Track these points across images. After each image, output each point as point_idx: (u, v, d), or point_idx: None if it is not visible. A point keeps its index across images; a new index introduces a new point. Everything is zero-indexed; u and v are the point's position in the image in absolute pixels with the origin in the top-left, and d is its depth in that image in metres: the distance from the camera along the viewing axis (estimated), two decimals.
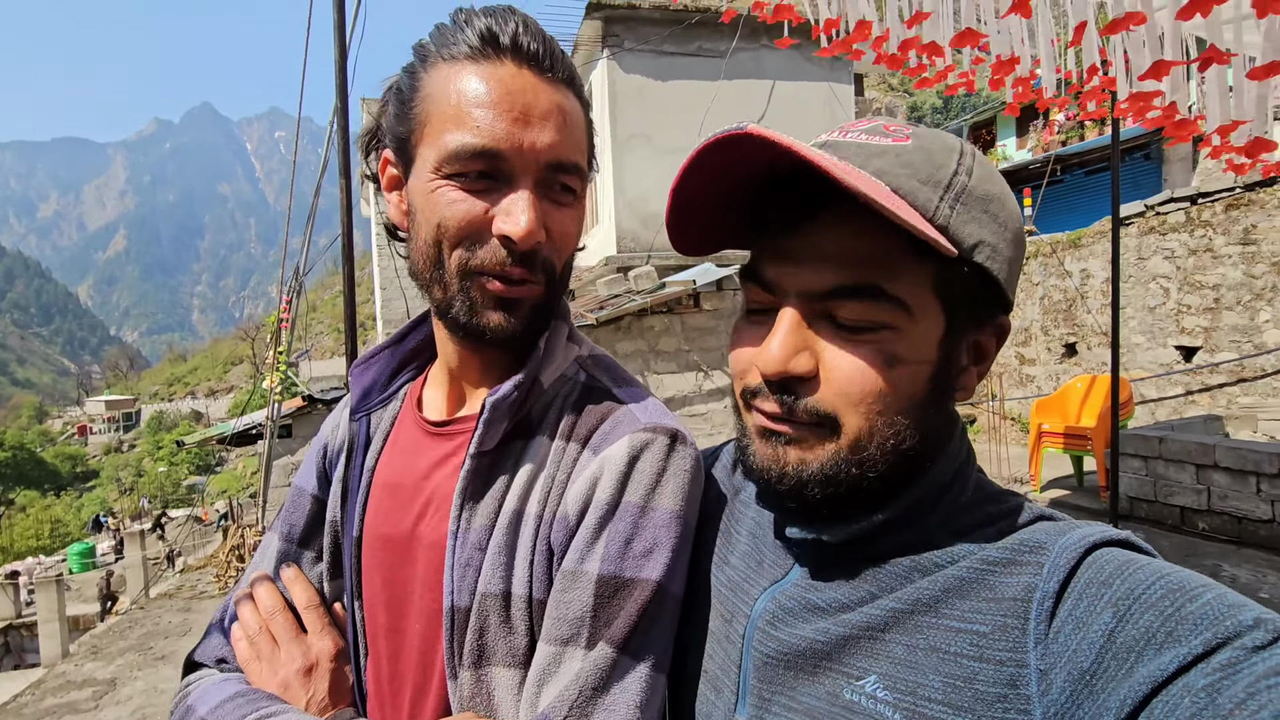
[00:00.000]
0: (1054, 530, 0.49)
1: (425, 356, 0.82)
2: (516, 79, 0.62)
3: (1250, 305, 7.47)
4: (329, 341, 64.76)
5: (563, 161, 0.64)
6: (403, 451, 0.74)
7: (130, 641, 5.00)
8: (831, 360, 0.51)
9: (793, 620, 0.55)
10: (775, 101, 9.17)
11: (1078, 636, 0.42)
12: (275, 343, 6.22)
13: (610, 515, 0.62)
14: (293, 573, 0.76)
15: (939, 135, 0.53)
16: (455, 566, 0.64)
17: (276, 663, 0.69)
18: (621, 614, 0.59)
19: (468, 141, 0.60)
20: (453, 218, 0.62)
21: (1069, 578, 0.45)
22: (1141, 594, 0.42)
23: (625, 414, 0.67)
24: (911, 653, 0.48)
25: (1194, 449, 5.38)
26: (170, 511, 31.12)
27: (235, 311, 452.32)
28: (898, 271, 0.49)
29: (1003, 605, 0.46)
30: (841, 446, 0.51)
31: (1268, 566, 4.66)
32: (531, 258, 0.64)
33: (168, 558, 16.18)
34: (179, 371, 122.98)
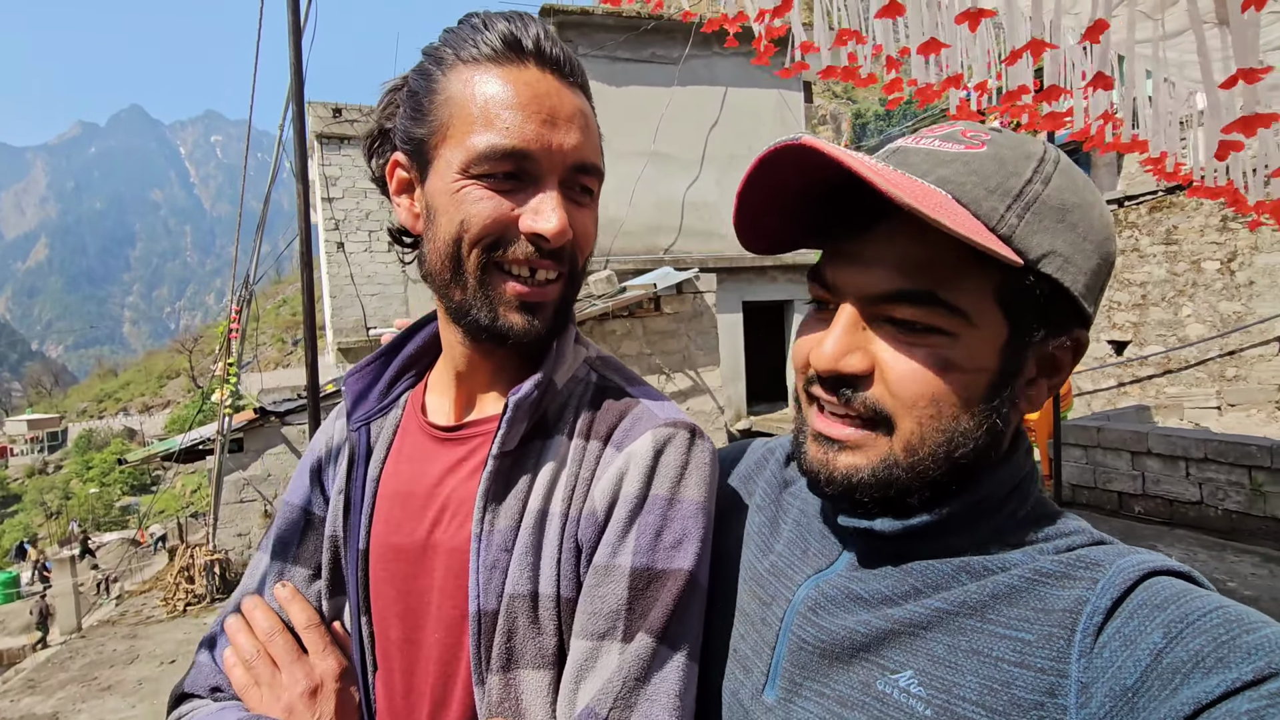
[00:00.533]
0: (1113, 552, 0.50)
1: (424, 363, 0.81)
2: (542, 82, 0.63)
3: (1174, 301, 7.98)
4: (273, 352, 62.52)
5: (585, 163, 0.65)
6: (410, 459, 0.73)
7: (71, 673, 4.71)
8: (886, 362, 0.51)
9: (835, 609, 0.55)
10: (728, 107, 9.35)
11: (1124, 654, 0.42)
12: (225, 354, 5.99)
13: (639, 508, 0.62)
14: (288, 591, 0.73)
15: (1020, 142, 0.53)
16: (481, 569, 0.63)
17: (278, 687, 0.67)
18: (657, 605, 0.60)
19: (498, 143, 0.61)
20: (478, 215, 0.62)
21: (1123, 597, 0.45)
22: (1196, 620, 0.41)
23: (644, 411, 0.68)
24: (952, 652, 0.49)
25: (1129, 437, 5.71)
26: (104, 535, 29.43)
27: (170, 323, 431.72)
28: (956, 279, 0.49)
29: (1051, 616, 0.46)
30: (895, 449, 0.52)
31: (1197, 545, 4.98)
32: (559, 253, 0.65)
33: (102, 584, 15.29)
34: (109, 387, 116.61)
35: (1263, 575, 4.42)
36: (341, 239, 10.92)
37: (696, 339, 7.43)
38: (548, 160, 0.62)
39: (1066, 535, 0.53)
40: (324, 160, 11.04)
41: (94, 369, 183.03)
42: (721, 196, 9.30)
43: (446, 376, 0.75)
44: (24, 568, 23.68)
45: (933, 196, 0.48)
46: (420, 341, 0.80)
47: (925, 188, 0.49)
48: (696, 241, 9.16)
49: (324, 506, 0.77)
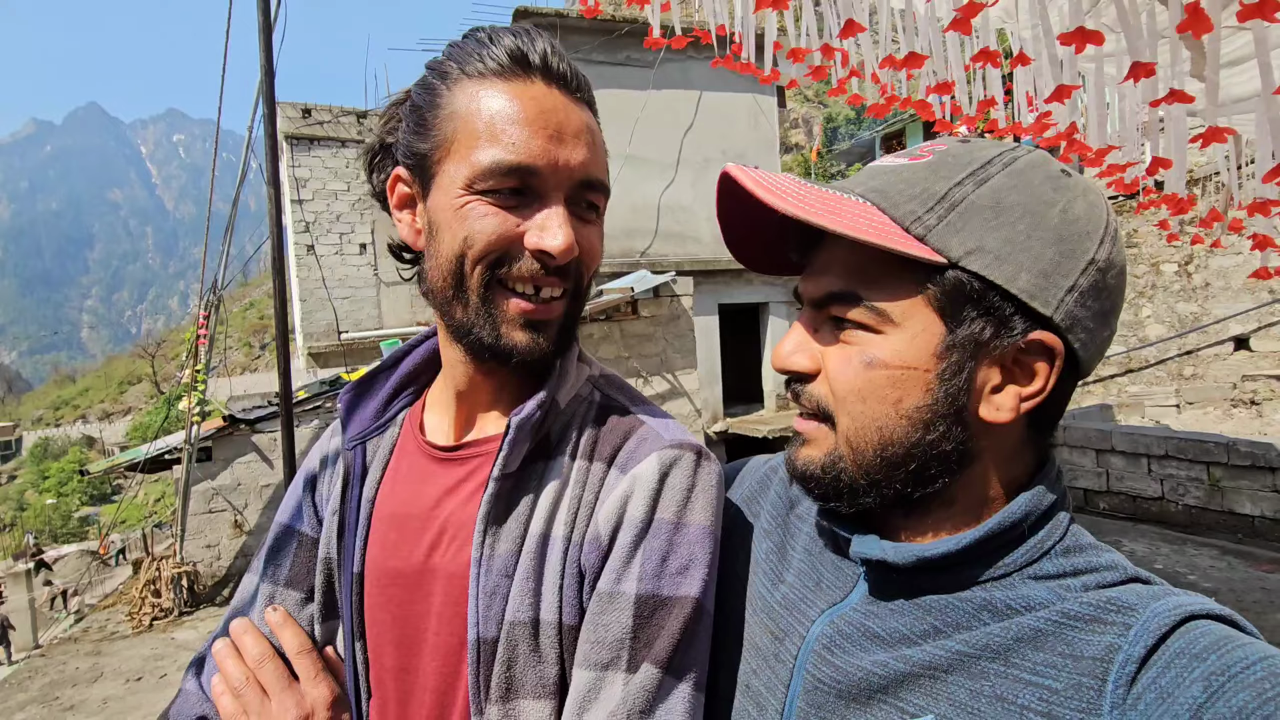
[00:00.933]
0: (1147, 594, 0.47)
1: (423, 380, 0.79)
2: (549, 98, 0.62)
3: (1134, 303, 8.23)
4: (240, 356, 61.07)
5: (592, 179, 0.64)
6: (407, 480, 0.71)
7: (31, 693, 4.53)
8: (828, 360, 0.55)
9: (851, 648, 0.54)
10: (702, 111, 9.41)
11: (1160, 708, 0.40)
12: (193, 360, 5.83)
13: (645, 533, 0.61)
14: (280, 616, 0.70)
15: (970, 150, 0.53)
16: (480, 595, 0.61)
17: (267, 715, 0.64)
18: (663, 633, 0.58)
19: (503, 158, 0.60)
20: (483, 232, 0.61)
21: (1158, 644, 0.43)
22: (1239, 673, 0.39)
23: (649, 432, 0.67)
24: (975, 698, 0.47)
25: (1093, 435, 5.87)
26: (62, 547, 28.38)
27: (131, 327, 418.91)
28: (879, 280, 0.52)
29: (1080, 664, 0.45)
30: (839, 443, 0.54)
31: (1160, 540, 5.14)
32: (565, 270, 0.64)
33: (58, 597, 14.72)
34: (67, 394, 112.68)
35: (1221, 568, 4.58)
36: (312, 241, 10.71)
37: (674, 342, 7.46)
38: (554, 176, 0.62)
39: (1098, 571, 0.50)
40: (293, 161, 10.83)
41: (51, 375, 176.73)
42: (697, 199, 9.35)
43: (446, 395, 0.73)
44: None
45: (849, 207, 0.52)
46: (419, 358, 0.78)
47: (843, 199, 0.53)
48: (673, 244, 9.20)
49: (317, 527, 0.74)
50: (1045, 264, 0.49)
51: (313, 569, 0.72)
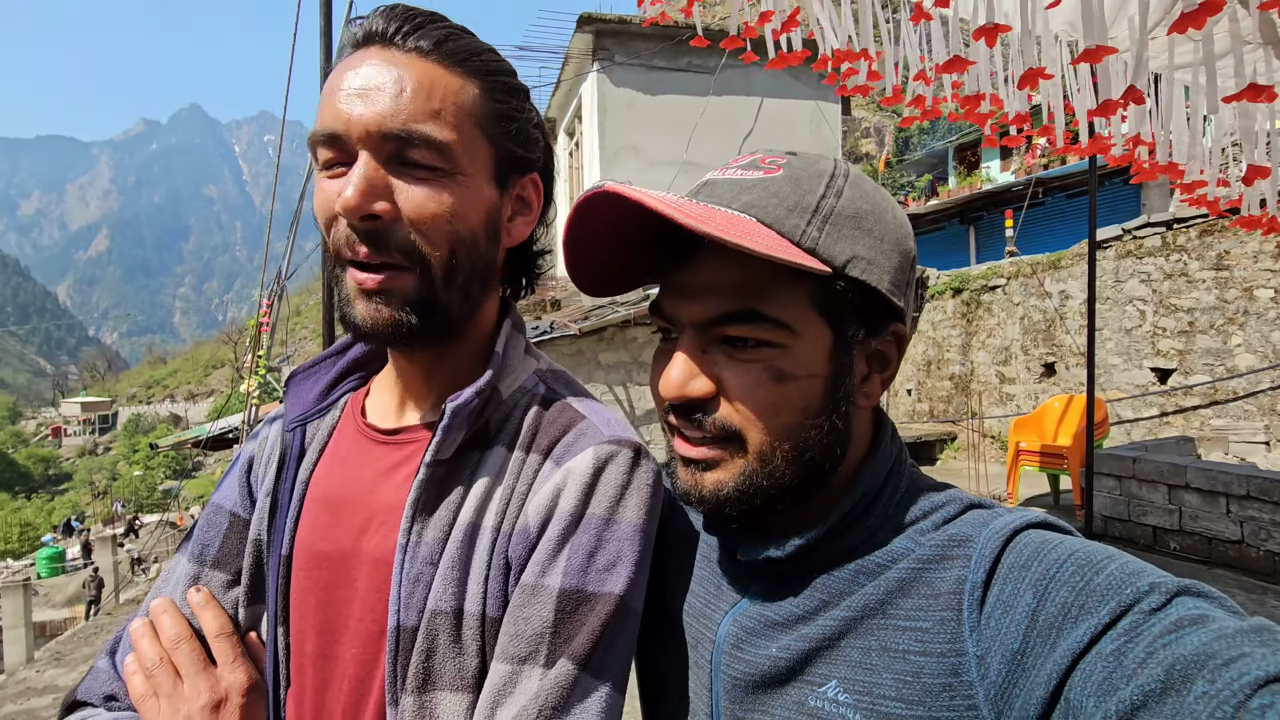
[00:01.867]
0: (979, 521, 0.53)
1: (372, 366, 0.78)
2: (361, 60, 0.60)
3: (1223, 329, 7.63)
4: (313, 346, 64.14)
5: (395, 131, 0.58)
6: (343, 462, 0.69)
7: (95, 648, 4.88)
8: (727, 381, 0.54)
9: (755, 639, 0.57)
10: (763, 118, 9.30)
11: (1006, 620, 0.45)
12: (255, 346, 6.16)
13: (574, 527, 0.60)
14: (202, 597, 0.67)
15: (811, 162, 0.57)
16: (403, 582, 0.59)
17: (178, 699, 0.61)
18: (583, 630, 0.57)
19: (316, 131, 0.60)
20: (318, 206, 0.61)
21: (994, 565, 0.48)
22: (1056, 573, 0.45)
23: (588, 426, 0.66)
24: (866, 655, 0.51)
25: (1166, 470, 5.46)
26: (145, 516, 30.51)
27: (218, 315, 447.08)
28: (773, 294, 0.53)
29: (940, 600, 0.49)
30: (750, 461, 0.54)
31: (1235, 586, 4.73)
32: (377, 237, 0.59)
33: (133, 563, 15.78)
34: (158, 374, 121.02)
35: None
36: None
37: None
38: (349, 135, 0.58)
39: (941, 507, 0.55)
40: None
41: (145, 356, 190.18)
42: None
43: (389, 378, 0.72)
44: (71, 543, 24.68)
45: (736, 222, 0.52)
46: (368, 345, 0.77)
47: (728, 215, 0.53)
48: None
49: (250, 509, 0.73)
50: (895, 264, 0.55)
51: (241, 551, 0.71)
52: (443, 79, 0.61)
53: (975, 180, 18.61)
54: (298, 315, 9.97)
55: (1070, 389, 8.75)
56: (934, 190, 20.19)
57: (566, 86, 9.63)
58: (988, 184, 17.58)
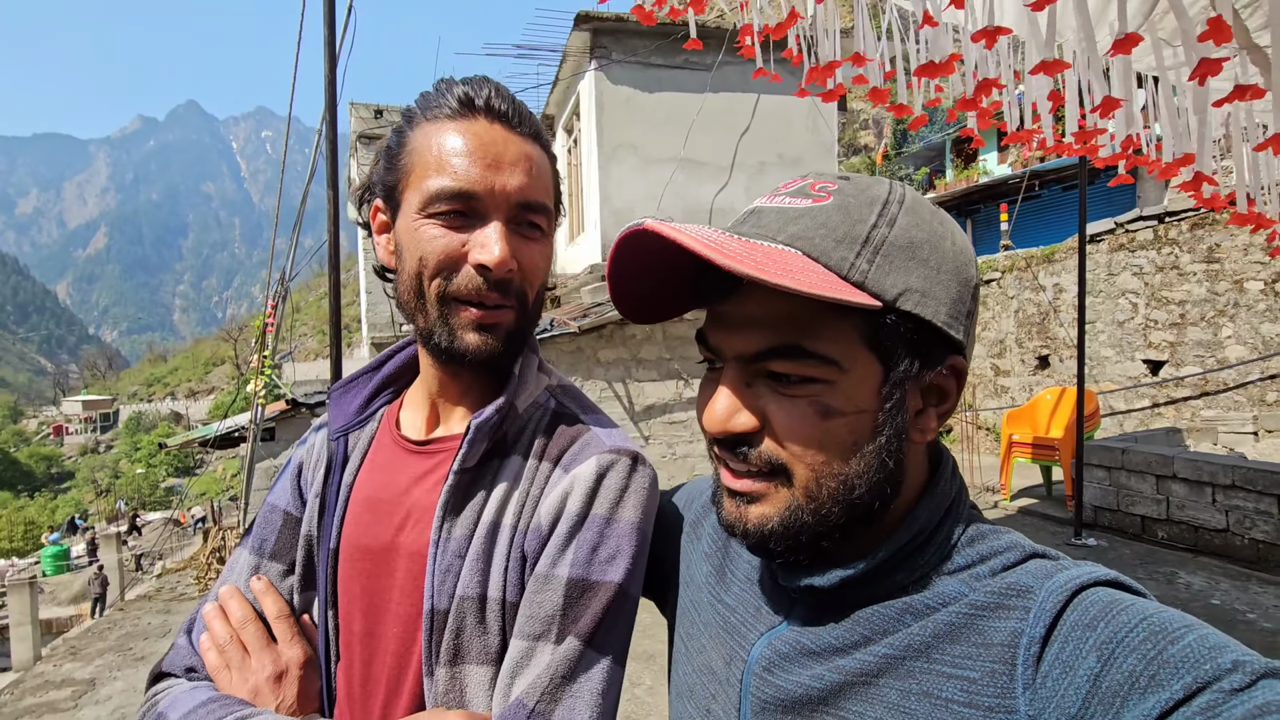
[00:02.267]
0: (1041, 572, 0.50)
1: (402, 382, 0.88)
2: (489, 132, 0.71)
3: (1213, 321, 7.73)
4: (313, 343, 64.26)
5: (530, 201, 0.72)
6: (382, 468, 0.79)
7: (109, 643, 5.00)
8: (772, 416, 0.53)
9: (788, 665, 0.56)
10: (759, 114, 9.36)
11: (1064, 681, 0.43)
12: (260, 346, 6.25)
13: (580, 525, 0.69)
14: (263, 584, 0.78)
15: (864, 188, 0.54)
16: (436, 572, 0.69)
17: (247, 670, 0.72)
18: (587, 612, 0.66)
19: (447, 185, 0.69)
20: (433, 251, 0.70)
21: (1055, 621, 0.45)
22: (1124, 637, 0.42)
23: (593, 437, 0.75)
24: (905, 698, 0.49)
25: (1154, 460, 5.57)
26: (149, 514, 30.65)
27: (218, 312, 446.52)
28: (819, 329, 0.51)
29: (991, 650, 0.47)
30: (796, 496, 0.53)
31: (1221, 574, 4.85)
32: (505, 285, 0.71)
33: (136, 560, 15.89)
34: (159, 372, 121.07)
35: None
36: None
37: None
38: (490, 199, 0.70)
39: (1001, 554, 0.53)
40: (363, 160, 11.36)
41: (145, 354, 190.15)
42: (748, 204, 9.31)
43: (421, 395, 0.82)
44: (75, 541, 24.83)
45: (778, 258, 0.50)
46: (400, 362, 0.87)
47: (770, 250, 0.51)
48: None
49: (301, 508, 0.83)
50: (953, 295, 0.53)
51: (295, 545, 0.81)
52: (544, 161, 0.76)
53: (973, 173, 18.66)
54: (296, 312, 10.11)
55: (1063, 381, 8.85)
56: (931, 183, 20.22)
57: (564, 84, 9.69)
58: (985, 177, 17.64)
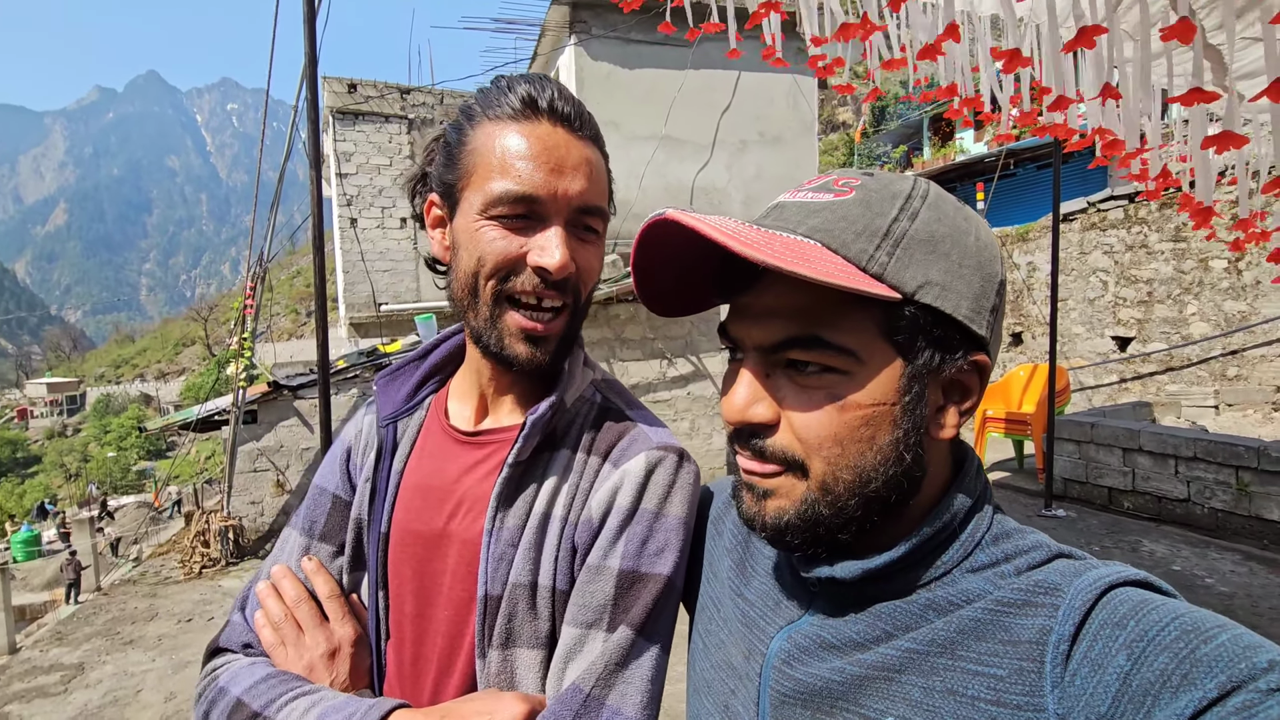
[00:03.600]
0: (1069, 571, 0.50)
1: (448, 370, 0.89)
2: (552, 136, 0.72)
3: (1179, 299, 7.97)
4: (286, 323, 63.08)
5: (589, 205, 0.73)
6: (431, 456, 0.81)
7: (95, 627, 4.98)
8: (789, 406, 0.53)
9: (808, 659, 0.56)
10: (740, 91, 9.33)
11: (1094, 680, 0.42)
12: (240, 329, 6.17)
13: (630, 519, 0.71)
14: (314, 565, 0.80)
15: (886, 183, 0.55)
16: (490, 560, 0.71)
17: (302, 647, 0.74)
18: (638, 603, 0.68)
19: (510, 188, 0.70)
20: (492, 252, 0.71)
21: (1084, 620, 0.45)
22: (1156, 636, 0.41)
23: (640, 433, 0.77)
24: (929, 695, 0.49)
25: (1121, 434, 5.78)
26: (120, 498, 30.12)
27: (186, 291, 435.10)
28: (837, 320, 0.51)
29: (1019, 648, 0.46)
30: (812, 489, 0.53)
31: (1182, 542, 5.08)
32: (563, 285, 0.73)
33: (111, 546, 15.66)
34: (127, 353, 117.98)
35: (1241, 573, 4.52)
36: (354, 215, 11.02)
37: (700, 325, 7.54)
38: (553, 204, 0.71)
39: (1027, 553, 0.53)
40: (338, 135, 11.12)
41: (112, 334, 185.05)
42: (731, 182, 9.32)
43: (468, 385, 0.83)
44: (45, 527, 24.35)
45: (796, 248, 0.51)
46: (446, 350, 0.89)
47: (790, 241, 0.52)
48: None
49: (350, 492, 0.85)
50: (975, 289, 0.53)
51: (344, 527, 0.83)
52: (602, 164, 0.77)
53: (950, 151, 18.80)
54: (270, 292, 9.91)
55: (1036, 358, 9.09)
56: (909, 162, 20.35)
57: (543, 59, 9.55)
58: (962, 155, 17.79)
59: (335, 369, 5.78)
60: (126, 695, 3.92)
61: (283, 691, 0.68)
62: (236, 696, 0.69)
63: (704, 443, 7.48)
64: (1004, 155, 13.82)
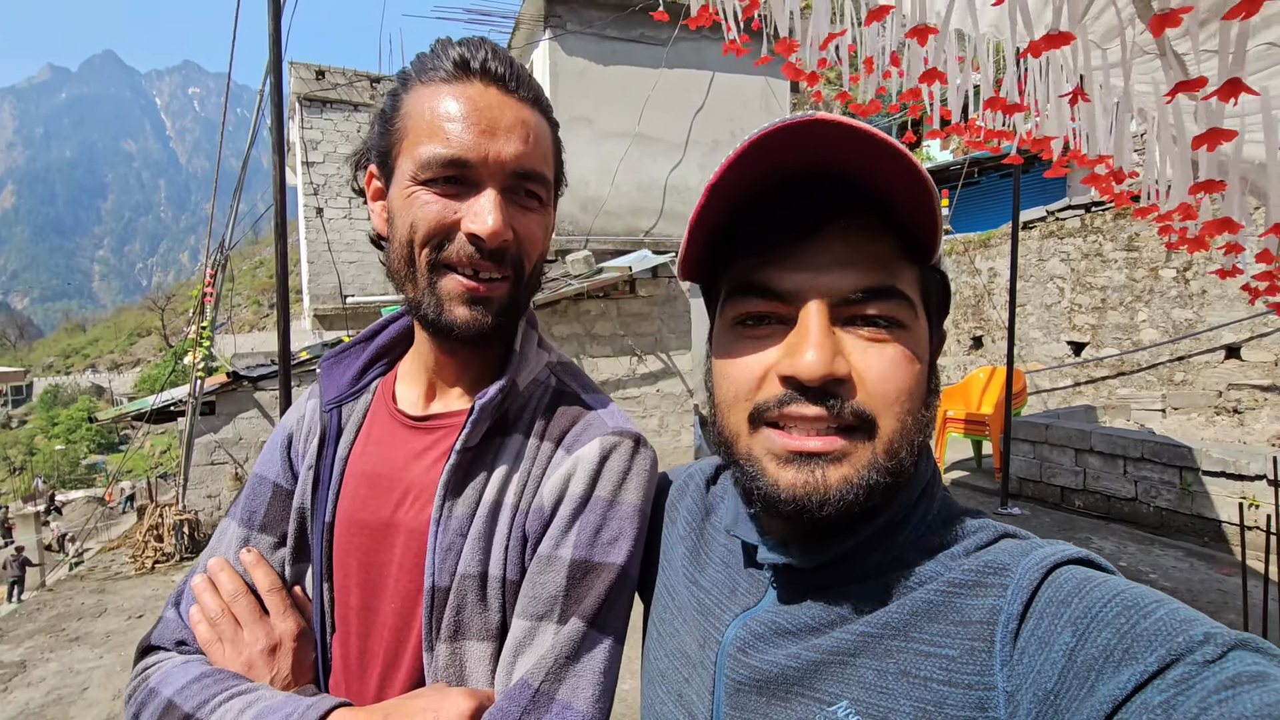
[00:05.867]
0: (1016, 550, 0.50)
1: (396, 352, 0.86)
2: (484, 96, 0.68)
3: (1131, 306, 8.27)
4: (248, 314, 61.47)
5: (527, 169, 0.69)
6: (378, 443, 0.77)
7: (39, 624, 4.79)
8: (862, 362, 0.51)
9: (764, 646, 0.56)
10: (714, 93, 9.38)
11: (1041, 657, 0.43)
12: (199, 317, 6.00)
13: (582, 507, 0.69)
14: (253, 557, 0.76)
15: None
16: (437, 550, 0.69)
17: (240, 643, 0.70)
18: (591, 593, 0.66)
19: (439, 151, 0.66)
20: (424, 219, 0.67)
21: (1031, 598, 0.45)
22: (1099, 612, 0.42)
23: (595, 418, 0.75)
24: (882, 677, 0.49)
25: (1074, 435, 5.98)
26: (69, 493, 29.00)
27: (142, 279, 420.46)
28: (900, 273, 0.52)
29: (970, 628, 0.47)
30: (878, 452, 0.50)
31: (1129, 539, 5.28)
32: (500, 255, 0.69)
33: (59, 541, 15.09)
34: (77, 342, 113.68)
35: (1183, 569, 4.72)
36: (321, 204, 10.79)
37: (669, 323, 7.58)
38: (485, 167, 0.67)
39: (974, 533, 0.54)
40: (305, 123, 10.87)
41: (61, 323, 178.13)
42: (703, 181, 9.31)
43: (416, 368, 0.80)
44: None
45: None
46: (394, 332, 0.85)
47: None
48: (677, 225, 9.26)
49: (292, 480, 0.81)
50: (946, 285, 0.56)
51: (286, 517, 0.79)
52: (544, 128, 0.73)
53: (919, 158, 19.14)
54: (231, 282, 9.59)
55: (995, 361, 9.34)
56: None
57: (517, 53, 9.47)
58: (927, 163, 18.17)
59: (297, 360, 5.66)
60: (72, 693, 3.79)
61: (217, 692, 0.65)
62: (168, 698, 0.65)
63: (673, 440, 7.52)
64: (968, 164, 14.15)
